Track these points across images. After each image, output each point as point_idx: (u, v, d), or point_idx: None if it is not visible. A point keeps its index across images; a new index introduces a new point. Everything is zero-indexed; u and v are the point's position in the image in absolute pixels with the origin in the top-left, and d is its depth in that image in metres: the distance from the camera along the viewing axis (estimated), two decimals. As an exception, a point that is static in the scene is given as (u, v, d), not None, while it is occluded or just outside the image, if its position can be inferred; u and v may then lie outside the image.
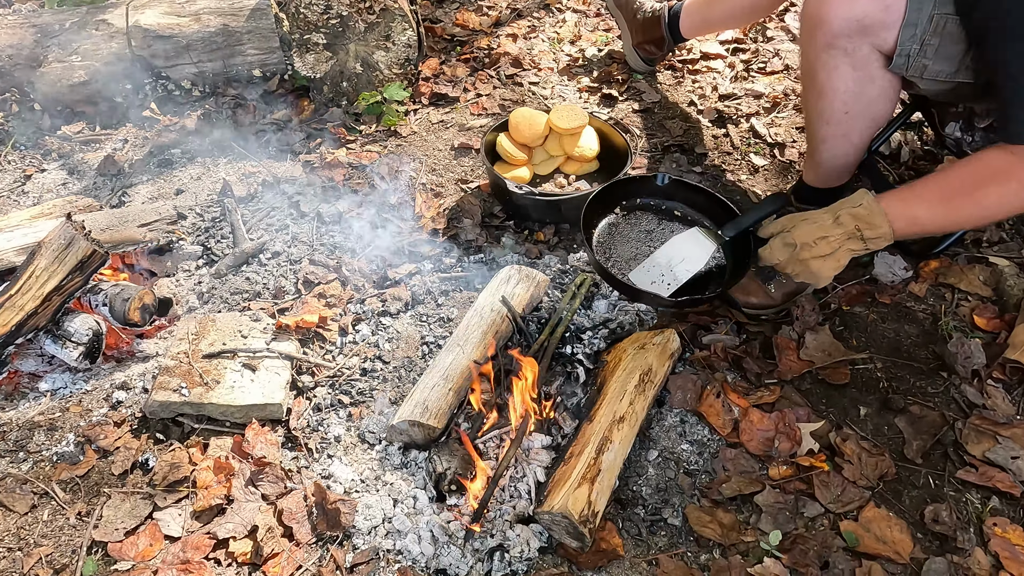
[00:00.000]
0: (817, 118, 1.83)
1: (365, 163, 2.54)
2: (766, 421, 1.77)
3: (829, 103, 1.77)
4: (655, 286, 1.78)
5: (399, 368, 1.94)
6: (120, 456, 1.72)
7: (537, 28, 3.28)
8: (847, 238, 1.64)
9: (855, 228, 1.63)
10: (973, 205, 1.58)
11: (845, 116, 1.77)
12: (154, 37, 2.75)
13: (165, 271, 2.21)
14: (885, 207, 1.62)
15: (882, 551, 1.55)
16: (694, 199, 2.05)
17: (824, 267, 1.67)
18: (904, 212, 1.63)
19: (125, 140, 2.73)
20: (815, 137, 1.87)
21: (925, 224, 1.65)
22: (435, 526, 1.57)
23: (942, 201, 1.61)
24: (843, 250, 1.65)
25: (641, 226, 2.00)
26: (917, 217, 1.63)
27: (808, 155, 1.96)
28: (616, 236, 1.98)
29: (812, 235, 1.66)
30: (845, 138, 1.82)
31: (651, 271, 1.80)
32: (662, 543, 1.60)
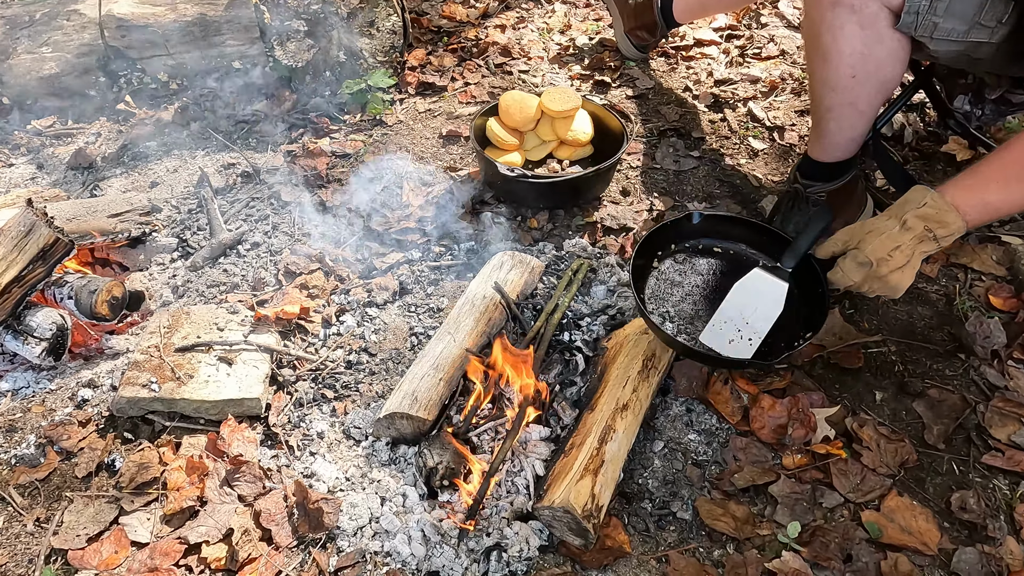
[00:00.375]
0: (822, 85, 1.74)
1: (349, 152, 2.43)
2: (778, 407, 1.66)
3: (835, 68, 1.68)
4: (735, 345, 1.55)
5: (386, 360, 1.83)
6: (84, 457, 1.59)
7: (526, 19, 3.19)
8: (919, 242, 1.50)
9: (925, 229, 1.49)
10: None
11: (852, 81, 1.68)
12: (128, 27, 2.64)
13: (138, 265, 2.09)
14: (952, 200, 1.49)
15: (908, 542, 1.44)
16: (731, 231, 1.81)
17: (903, 278, 1.52)
18: (975, 200, 1.49)
19: (98, 134, 2.61)
20: (820, 106, 1.78)
21: (999, 207, 1.50)
22: (426, 525, 1.45)
23: (1016, 180, 1.47)
24: (917, 255, 1.51)
25: (688, 275, 1.75)
26: (989, 202, 1.49)
27: (813, 127, 1.87)
28: (664, 293, 1.73)
29: (885, 248, 1.50)
30: (852, 106, 1.73)
31: (724, 328, 1.57)
32: (672, 539, 1.49)
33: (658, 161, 2.41)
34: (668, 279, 1.77)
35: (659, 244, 1.80)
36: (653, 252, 1.79)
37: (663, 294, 1.75)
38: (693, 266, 1.80)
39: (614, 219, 2.17)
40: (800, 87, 2.67)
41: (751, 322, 1.58)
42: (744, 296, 1.61)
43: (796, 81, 2.70)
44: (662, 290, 1.75)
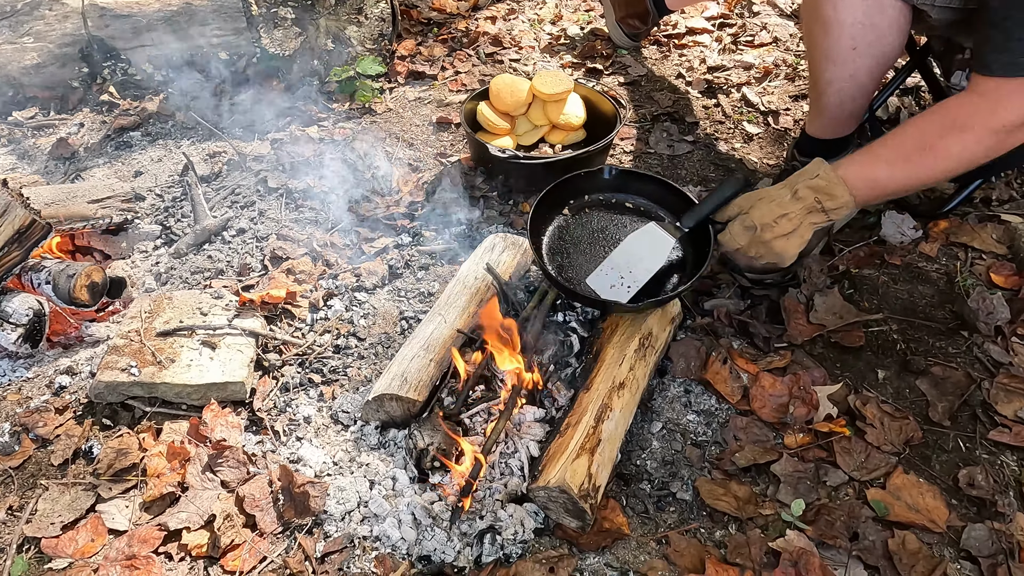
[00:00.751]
0: (823, 58, 1.70)
1: (338, 139, 2.39)
2: (779, 386, 1.62)
3: (836, 39, 1.65)
4: (615, 290, 1.60)
5: (376, 345, 1.78)
6: (60, 445, 1.53)
7: (516, 10, 3.17)
8: (807, 212, 1.51)
9: (815, 200, 1.50)
10: (934, 159, 1.44)
11: (853, 53, 1.65)
12: (112, 16, 2.60)
13: (120, 253, 2.03)
14: (843, 174, 1.49)
15: (915, 520, 1.40)
16: (646, 189, 1.83)
17: (788, 245, 1.53)
18: (863, 175, 1.49)
19: (81, 124, 2.56)
20: (820, 80, 1.75)
21: (886, 185, 1.51)
22: (417, 508, 1.39)
23: (901, 159, 1.47)
24: (805, 225, 1.52)
25: (592, 226, 1.78)
26: (877, 179, 1.49)
27: (812, 103, 1.84)
28: (568, 240, 1.75)
29: (772, 214, 1.52)
30: (853, 79, 1.70)
31: (609, 274, 1.63)
32: (671, 520, 1.44)
33: (652, 146, 2.37)
34: (571, 228, 1.80)
35: (570, 196, 1.82)
36: (564, 202, 1.82)
37: (564, 243, 1.77)
38: (598, 218, 1.82)
39: (608, 202, 2.13)
40: (794, 73, 2.65)
41: (634, 271, 1.63)
42: (634, 247, 1.66)
43: (790, 67, 2.68)
44: (563, 238, 1.78)
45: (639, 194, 1.83)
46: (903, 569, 1.33)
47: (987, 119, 1.40)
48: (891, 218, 2.01)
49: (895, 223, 2.00)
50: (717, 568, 1.32)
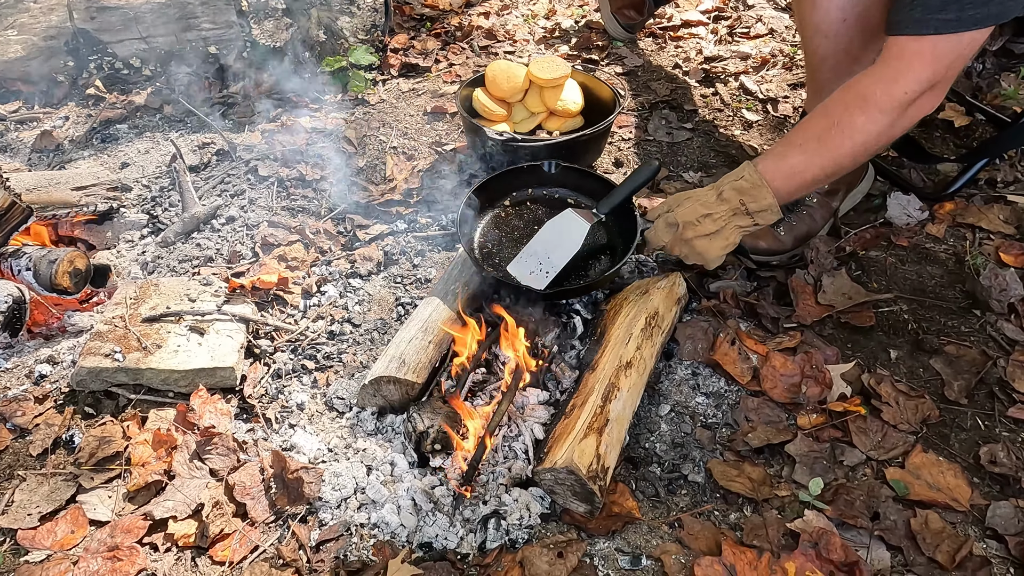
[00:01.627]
0: (814, 33, 1.68)
1: (330, 128, 2.33)
2: (790, 365, 1.56)
3: (825, 12, 1.63)
4: (534, 276, 1.59)
5: (371, 331, 1.71)
6: (39, 434, 1.45)
7: (509, 6, 3.14)
8: (732, 214, 1.48)
9: (739, 203, 1.47)
10: (841, 136, 1.40)
11: (843, 25, 1.62)
12: (98, 8, 2.55)
13: (105, 243, 1.96)
14: (762, 170, 1.46)
15: (937, 498, 1.34)
16: (586, 185, 1.84)
17: (711, 246, 1.50)
18: (780, 167, 1.46)
19: (66, 118, 2.50)
20: (815, 57, 1.72)
21: (804, 172, 1.46)
22: (417, 493, 1.32)
23: (813, 141, 1.44)
24: (730, 227, 1.49)
25: (528, 218, 1.81)
26: (794, 167, 1.46)
27: (809, 83, 1.81)
28: (503, 230, 1.78)
29: (695, 213, 1.50)
30: (846, 53, 1.67)
31: (528, 261, 1.62)
32: (684, 503, 1.37)
33: (650, 133, 2.34)
34: (509, 219, 1.82)
35: (512, 188, 1.85)
36: (506, 194, 1.85)
37: (499, 233, 1.79)
38: (537, 212, 1.83)
39: (608, 187, 2.08)
40: (791, 62, 2.63)
41: (552, 257, 1.63)
42: (552, 233, 1.66)
43: (787, 57, 2.65)
44: (499, 228, 1.80)
45: (579, 190, 1.85)
46: (927, 549, 1.27)
47: (889, 88, 1.35)
48: (897, 199, 1.97)
49: (901, 205, 1.96)
50: (734, 550, 1.25)
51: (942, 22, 1.29)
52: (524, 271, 1.62)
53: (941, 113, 2.31)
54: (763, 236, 1.81)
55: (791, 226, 1.83)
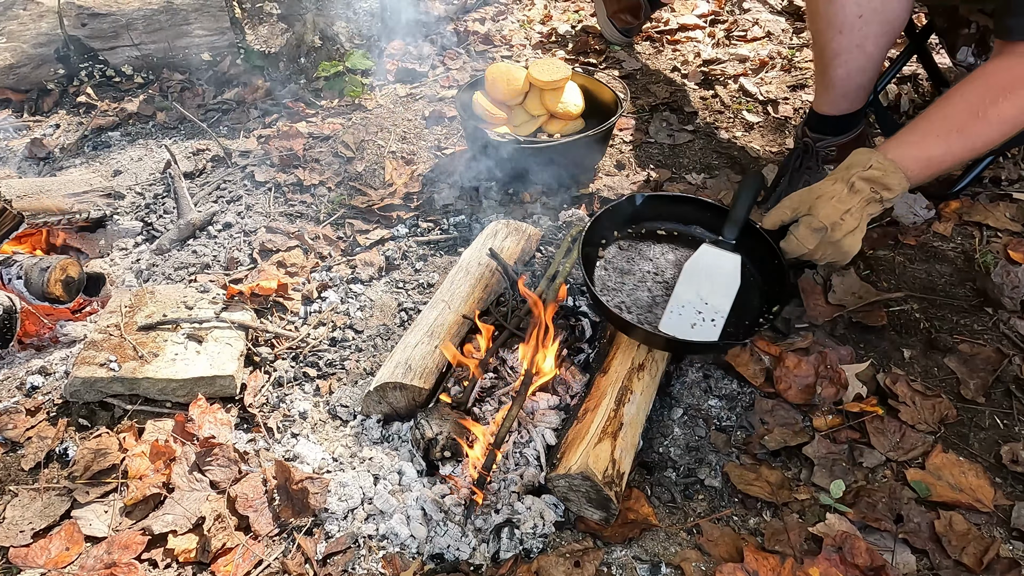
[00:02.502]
0: (828, 27, 1.66)
1: (327, 133, 2.30)
2: (804, 366, 1.53)
3: (841, 7, 1.60)
4: (699, 329, 1.43)
5: (374, 337, 1.67)
6: (32, 448, 1.40)
7: (505, 12, 3.13)
8: (866, 204, 1.45)
9: (871, 191, 1.44)
10: (987, 125, 1.40)
11: (859, 21, 1.60)
12: (89, 15, 2.51)
13: (98, 251, 1.92)
14: (896, 159, 1.43)
15: (960, 499, 1.31)
16: (676, 211, 1.66)
17: (855, 242, 1.45)
18: (918, 156, 1.44)
19: (57, 125, 2.45)
20: (827, 51, 1.70)
21: (943, 161, 1.45)
22: (427, 502, 1.28)
23: (955, 131, 1.42)
24: (864, 217, 1.46)
25: (636, 261, 1.59)
26: (932, 157, 1.44)
27: (819, 79, 1.79)
28: (613, 283, 1.55)
29: (838, 212, 1.44)
30: (860, 49, 1.65)
31: (684, 313, 1.46)
32: (701, 508, 1.33)
33: (652, 135, 2.31)
34: (611, 271, 1.59)
35: (600, 235, 1.62)
36: (596, 242, 1.61)
37: (611, 288, 1.55)
38: (637, 252, 1.62)
39: (611, 189, 2.06)
40: (790, 64, 2.62)
41: (710, 302, 1.48)
42: (697, 276, 1.51)
43: (785, 59, 2.65)
44: (613, 280, 1.57)
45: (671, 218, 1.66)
46: (953, 552, 1.23)
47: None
48: (903, 198, 1.95)
49: (907, 204, 1.94)
50: (756, 556, 1.21)
51: None
52: (685, 325, 1.45)
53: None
54: None
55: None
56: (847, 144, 1.82)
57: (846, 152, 1.82)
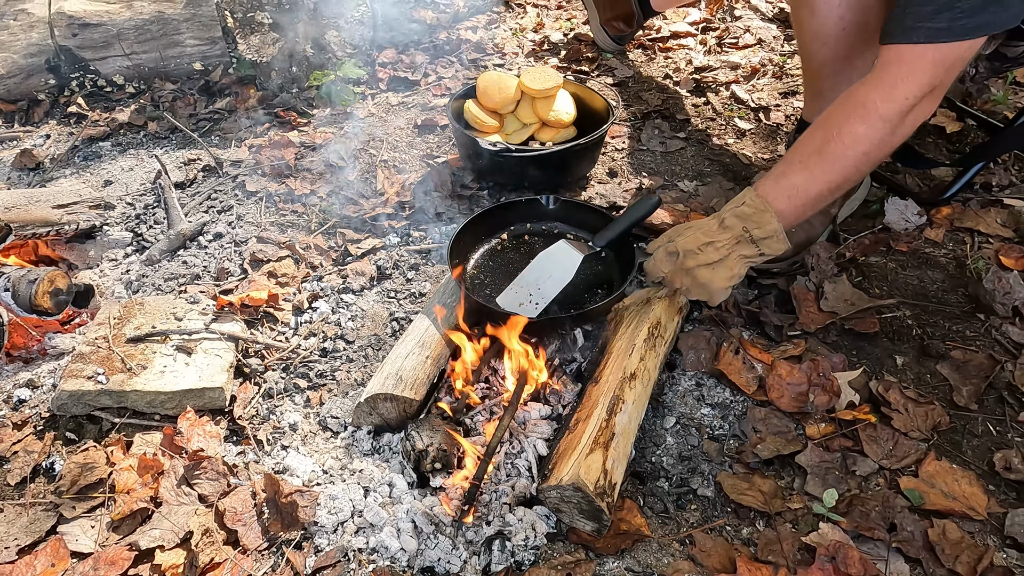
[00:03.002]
0: (813, 40, 1.67)
1: (319, 142, 2.29)
2: (796, 373, 1.53)
3: (824, 18, 1.62)
4: (523, 307, 1.55)
5: (365, 348, 1.66)
6: (18, 462, 1.38)
7: (497, 21, 3.13)
8: (736, 242, 1.44)
9: (743, 230, 1.43)
10: (843, 146, 1.37)
11: (843, 33, 1.62)
12: (80, 25, 2.50)
13: (87, 262, 1.90)
14: (764, 193, 1.43)
15: (954, 507, 1.30)
16: (586, 220, 1.78)
17: (715, 276, 1.46)
18: (782, 187, 1.43)
19: (47, 136, 2.44)
20: (813, 63, 1.71)
21: (808, 189, 1.42)
22: (417, 514, 1.27)
23: (814, 155, 1.40)
24: (734, 257, 1.45)
25: (524, 252, 1.74)
26: (796, 186, 1.42)
27: (808, 91, 1.79)
28: (498, 263, 1.72)
29: (696, 241, 1.46)
30: (846, 60, 1.66)
31: (518, 292, 1.59)
32: (694, 518, 1.33)
33: (644, 143, 2.32)
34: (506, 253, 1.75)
35: (509, 222, 1.80)
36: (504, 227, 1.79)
37: (495, 266, 1.72)
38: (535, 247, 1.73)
39: (603, 197, 2.06)
40: (781, 71, 2.63)
41: (542, 288, 1.59)
42: (544, 264, 1.63)
43: (776, 66, 2.65)
44: (494, 262, 1.73)
45: (580, 225, 1.79)
46: (947, 560, 1.23)
47: (888, 93, 1.32)
48: (894, 205, 1.95)
49: (899, 210, 1.95)
50: (749, 567, 1.20)
51: (933, 31, 1.27)
52: (513, 302, 1.58)
53: (933, 119, 2.31)
54: None
55: (791, 233, 1.80)
56: None
57: None
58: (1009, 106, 2.31)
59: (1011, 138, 1.96)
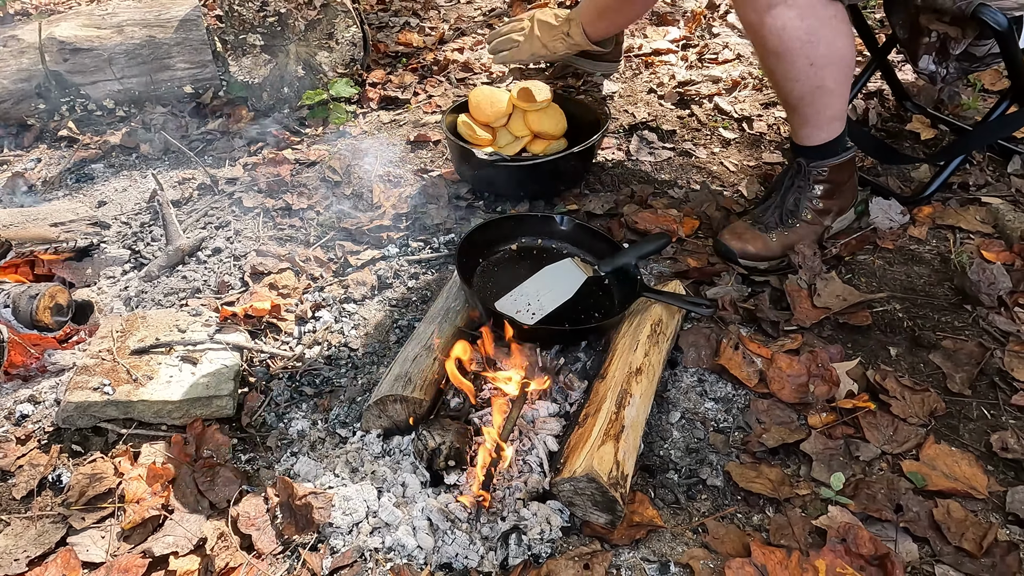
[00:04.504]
0: (784, 80, 1.72)
1: (314, 159, 2.32)
2: (796, 365, 1.56)
3: (791, 63, 1.67)
4: (520, 315, 1.57)
5: (370, 354, 1.67)
6: (23, 476, 1.37)
7: (483, 42, 3.20)
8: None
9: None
10: None
11: (811, 69, 1.68)
12: (71, 50, 2.52)
13: (85, 280, 1.90)
14: None
15: (956, 488, 1.34)
16: (595, 246, 1.77)
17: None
18: None
19: (38, 159, 2.44)
20: (791, 97, 1.76)
21: None
22: (433, 512, 1.27)
23: None
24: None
25: (531, 265, 1.73)
26: None
27: (791, 117, 1.83)
28: (505, 271, 1.72)
29: None
30: (821, 89, 1.72)
31: (518, 300, 1.62)
32: (705, 508, 1.34)
33: (633, 154, 2.37)
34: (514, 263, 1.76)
35: (521, 233, 1.80)
36: (514, 237, 1.80)
37: (499, 271, 1.73)
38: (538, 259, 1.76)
39: (598, 205, 2.10)
40: (761, 84, 2.71)
41: (542, 299, 1.62)
42: (548, 278, 1.67)
43: (756, 79, 2.74)
44: (500, 267, 1.74)
45: (590, 250, 1.78)
46: (953, 538, 1.26)
47: None
48: (878, 204, 2.02)
49: (883, 209, 2.01)
50: (763, 550, 1.22)
51: None
52: (511, 308, 1.60)
53: (908, 125, 2.40)
54: (752, 241, 1.84)
55: (783, 235, 1.86)
56: (840, 166, 1.85)
57: (839, 173, 1.88)
58: (979, 111, 2.41)
59: (981, 134, 2.05)
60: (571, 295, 1.64)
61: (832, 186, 1.86)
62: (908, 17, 1.96)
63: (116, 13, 2.62)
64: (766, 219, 1.87)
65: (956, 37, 1.86)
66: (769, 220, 1.87)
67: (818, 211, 1.87)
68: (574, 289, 1.65)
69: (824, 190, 1.86)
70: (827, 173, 1.86)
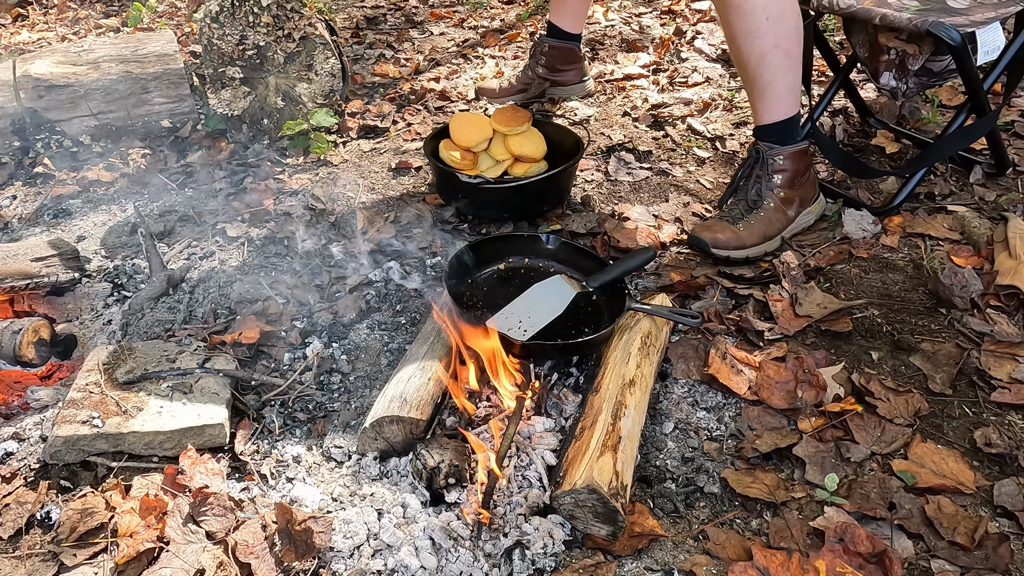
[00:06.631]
0: (745, 37, 1.84)
1: (295, 188, 2.33)
2: (784, 372, 1.60)
3: (750, 15, 1.80)
4: (512, 332, 1.59)
5: (362, 378, 1.67)
6: (10, 515, 1.33)
7: (458, 71, 3.26)
8: None
9: None
10: None
11: (768, 23, 1.80)
12: (46, 87, 2.51)
13: (66, 315, 1.87)
14: None
15: (944, 484, 1.37)
16: (582, 263, 1.81)
17: None
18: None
19: (13, 197, 2.41)
20: (751, 60, 1.86)
21: None
22: (435, 531, 1.26)
23: None
24: None
25: (519, 284, 1.76)
26: None
27: (751, 91, 1.93)
28: (493, 290, 1.76)
29: None
30: (778, 48, 1.83)
31: (510, 318, 1.64)
32: (704, 515, 1.36)
33: (612, 174, 2.42)
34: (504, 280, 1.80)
35: (509, 252, 1.84)
36: (502, 256, 1.83)
37: (490, 290, 1.77)
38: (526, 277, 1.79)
39: (580, 224, 2.14)
40: (731, 105, 2.80)
41: (532, 316, 1.64)
42: (537, 295, 1.70)
43: (726, 100, 2.83)
44: (489, 286, 1.78)
45: (577, 268, 1.81)
46: (946, 533, 1.28)
47: None
48: (851, 216, 2.09)
49: (855, 220, 2.08)
50: (764, 554, 1.24)
51: None
52: (503, 326, 1.60)
53: (874, 140, 2.50)
54: (721, 231, 1.92)
55: (750, 224, 1.95)
56: (795, 155, 1.95)
57: (795, 162, 1.97)
58: (939, 124, 2.52)
59: (942, 147, 2.14)
60: (561, 311, 1.66)
61: (791, 174, 1.97)
62: (867, 36, 2.06)
63: (92, 50, 2.62)
64: (733, 213, 1.99)
65: (914, 53, 1.96)
66: (736, 212, 1.97)
67: (781, 199, 1.98)
68: (564, 305, 1.67)
69: (784, 179, 1.97)
70: (783, 161, 1.96)
